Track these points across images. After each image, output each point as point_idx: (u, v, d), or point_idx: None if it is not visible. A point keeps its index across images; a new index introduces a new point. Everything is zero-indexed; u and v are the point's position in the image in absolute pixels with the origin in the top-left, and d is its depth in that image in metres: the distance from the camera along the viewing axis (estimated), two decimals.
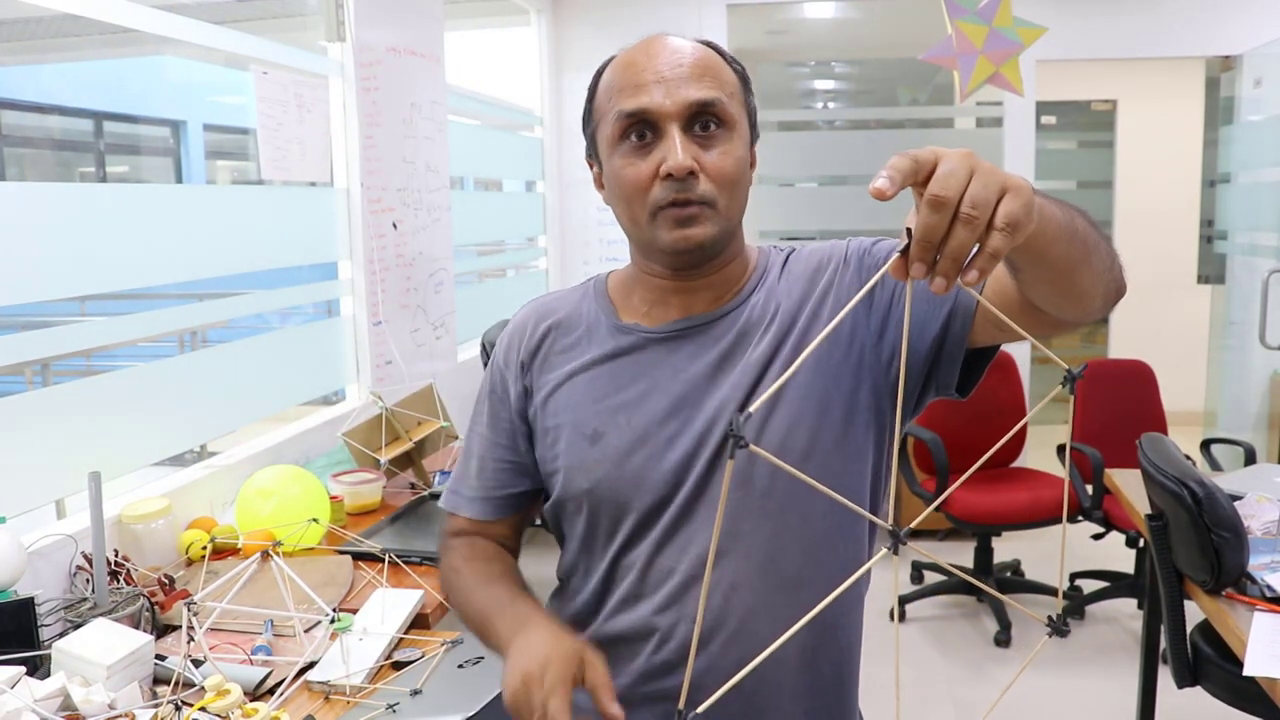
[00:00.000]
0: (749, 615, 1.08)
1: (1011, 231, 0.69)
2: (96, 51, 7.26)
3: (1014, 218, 0.69)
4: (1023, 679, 3.31)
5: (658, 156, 1.04)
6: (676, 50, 1.07)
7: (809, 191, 5.26)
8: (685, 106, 1.04)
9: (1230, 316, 4.70)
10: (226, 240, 2.26)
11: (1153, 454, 2.26)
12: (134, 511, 1.89)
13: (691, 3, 4.40)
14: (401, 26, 2.91)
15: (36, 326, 1.82)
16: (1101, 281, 0.93)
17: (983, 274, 0.69)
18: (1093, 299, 0.94)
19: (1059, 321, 0.98)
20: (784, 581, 1.09)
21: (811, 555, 1.10)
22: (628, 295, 1.18)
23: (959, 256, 0.68)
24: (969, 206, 0.68)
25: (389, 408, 2.45)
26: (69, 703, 1.33)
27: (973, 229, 0.68)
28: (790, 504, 1.08)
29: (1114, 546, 3.97)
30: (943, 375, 1.08)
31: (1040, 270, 0.88)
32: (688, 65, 1.06)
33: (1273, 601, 1.91)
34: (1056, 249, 0.85)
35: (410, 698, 1.40)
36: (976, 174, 0.69)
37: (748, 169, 1.11)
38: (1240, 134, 4.60)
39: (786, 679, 1.11)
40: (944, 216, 0.68)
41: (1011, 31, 3.68)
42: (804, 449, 1.07)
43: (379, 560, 1.89)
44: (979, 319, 1.03)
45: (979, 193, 0.68)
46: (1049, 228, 0.82)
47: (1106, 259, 0.93)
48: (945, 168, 0.68)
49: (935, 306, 1.06)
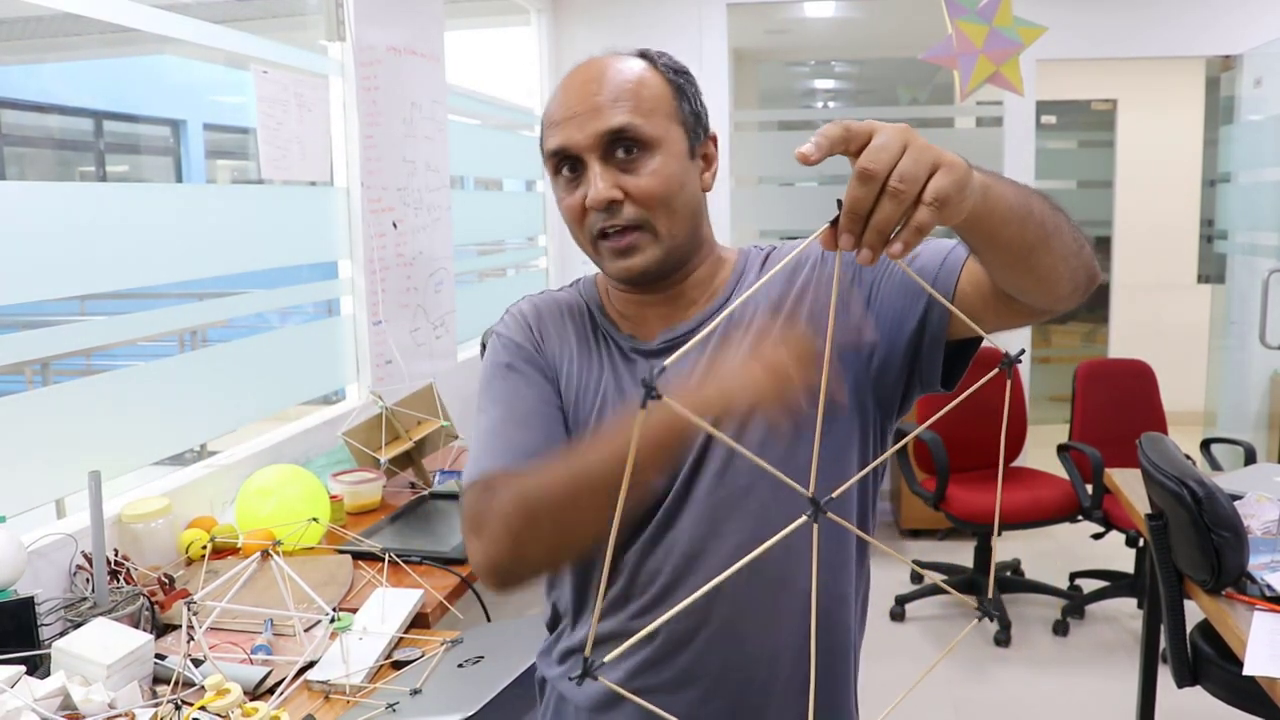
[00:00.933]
0: (733, 614, 1.09)
1: (939, 207, 0.70)
2: (96, 51, 7.25)
3: (943, 194, 0.70)
4: (1024, 678, 3.33)
5: (585, 188, 1.06)
6: (596, 79, 1.07)
7: (809, 191, 5.26)
8: (597, 138, 1.05)
9: (1230, 316, 4.70)
10: (226, 240, 2.26)
11: (1153, 453, 2.26)
12: (134, 511, 1.89)
13: (692, 3, 4.39)
14: (402, 26, 2.91)
15: (36, 326, 1.82)
16: (1066, 266, 0.93)
17: (907, 247, 0.71)
18: (1057, 284, 0.93)
19: (1031, 309, 0.98)
20: (767, 581, 1.09)
21: (794, 553, 1.08)
22: (611, 301, 1.20)
23: (884, 229, 0.70)
24: (897, 180, 0.69)
25: (389, 407, 2.45)
26: (69, 702, 1.33)
27: (899, 202, 0.69)
28: (772, 501, 1.08)
29: (1114, 546, 3.97)
30: (925, 369, 1.08)
31: (996, 253, 0.89)
32: (604, 93, 1.06)
33: (1273, 601, 1.91)
34: (1008, 230, 0.85)
35: (410, 697, 1.40)
36: (909, 149, 0.70)
37: (687, 181, 1.10)
38: (1240, 133, 4.60)
39: (779, 676, 1.11)
40: (871, 189, 0.69)
41: (1012, 31, 3.68)
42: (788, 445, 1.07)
43: (379, 560, 1.89)
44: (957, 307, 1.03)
45: (909, 168, 0.69)
46: (997, 208, 0.83)
47: (1072, 244, 0.93)
48: (878, 141, 0.70)
49: (912, 300, 1.06)
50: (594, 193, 1.04)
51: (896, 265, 1.08)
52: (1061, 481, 3.78)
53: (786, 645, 1.11)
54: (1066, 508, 3.67)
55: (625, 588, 1.12)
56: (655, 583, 1.10)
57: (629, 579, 1.11)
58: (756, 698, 1.11)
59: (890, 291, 1.08)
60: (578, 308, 1.20)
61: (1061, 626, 3.64)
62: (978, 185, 0.78)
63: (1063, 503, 3.68)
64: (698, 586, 1.06)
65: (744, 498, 1.08)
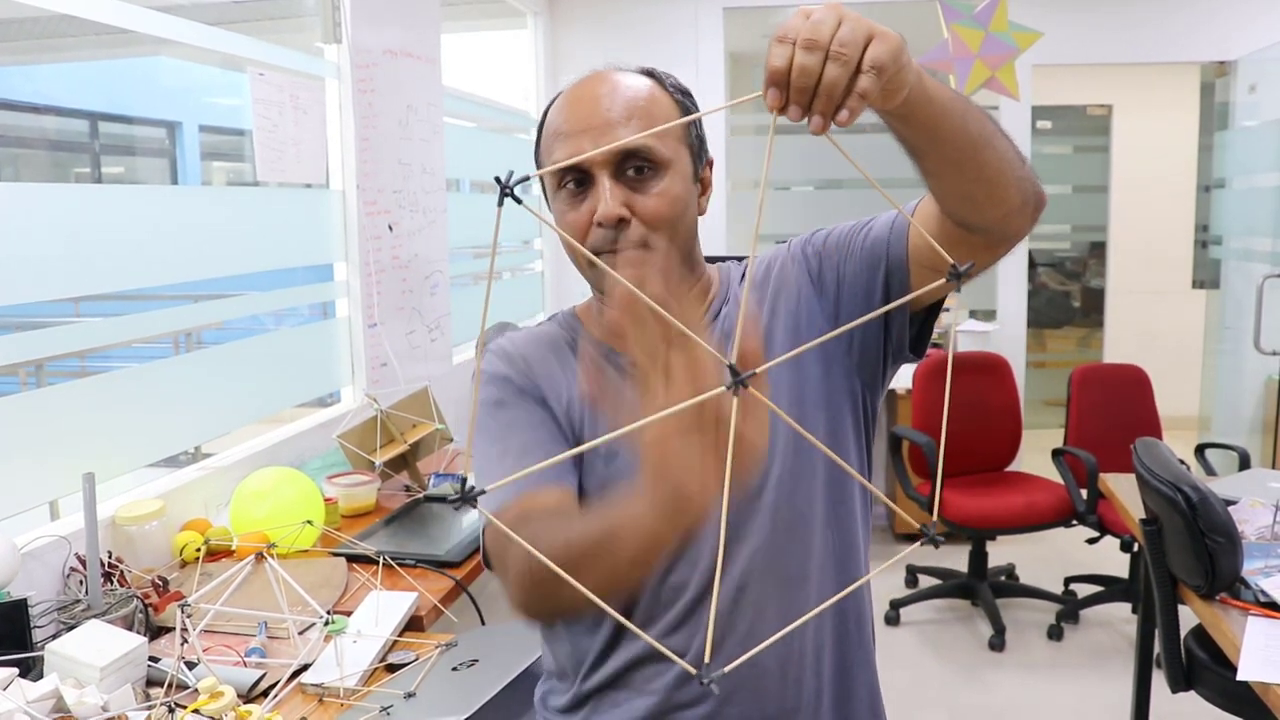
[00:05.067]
0: (757, 616, 1.09)
1: (878, 73, 0.74)
2: (92, 52, 7.24)
3: (880, 60, 0.74)
4: (1019, 682, 3.33)
5: (591, 204, 1.05)
6: (609, 94, 1.08)
7: (805, 195, 5.27)
8: (611, 155, 1.05)
9: (1225, 321, 4.71)
10: (222, 242, 2.26)
11: (1147, 458, 2.26)
12: (128, 513, 1.89)
13: (688, 6, 4.40)
14: (398, 28, 2.90)
15: (31, 327, 1.82)
16: (1011, 171, 0.95)
17: (853, 114, 0.74)
18: (1006, 189, 0.95)
19: (987, 237, 1.00)
20: (787, 579, 1.10)
21: (808, 549, 1.11)
22: (599, 325, 1.19)
23: (833, 93, 0.73)
24: (838, 45, 0.73)
25: (384, 410, 2.45)
26: (62, 705, 1.33)
27: (843, 65, 0.73)
28: (784, 499, 1.09)
29: (1108, 551, 3.98)
30: (894, 337, 1.12)
31: (941, 148, 0.91)
32: (618, 109, 1.06)
33: (1267, 606, 1.91)
34: (950, 122, 0.88)
35: (404, 700, 1.40)
36: (844, 20, 0.74)
37: (691, 203, 1.11)
38: (1235, 139, 4.62)
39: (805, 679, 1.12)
40: (817, 57, 0.73)
41: (1007, 36, 3.69)
42: (787, 442, 1.10)
43: (373, 562, 1.89)
44: (913, 267, 1.07)
45: (847, 34, 0.73)
46: (935, 97, 0.86)
47: (1013, 151, 0.96)
48: (815, 17, 0.74)
49: (872, 273, 1.09)
50: (604, 209, 1.04)
51: (854, 243, 1.12)
52: (1056, 486, 3.79)
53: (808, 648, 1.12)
54: (1061, 512, 3.68)
55: (649, 607, 1.11)
56: (681, 598, 1.10)
57: (651, 598, 1.10)
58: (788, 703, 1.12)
59: (854, 269, 1.11)
60: (561, 338, 1.19)
61: (1056, 631, 3.65)
62: (914, 66, 0.81)
63: (1057, 507, 3.68)
64: (724, 595, 1.08)
65: (756, 498, 1.09)
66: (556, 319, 1.23)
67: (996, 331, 4.56)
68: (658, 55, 1.24)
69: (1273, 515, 2.16)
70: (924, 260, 1.05)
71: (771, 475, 1.09)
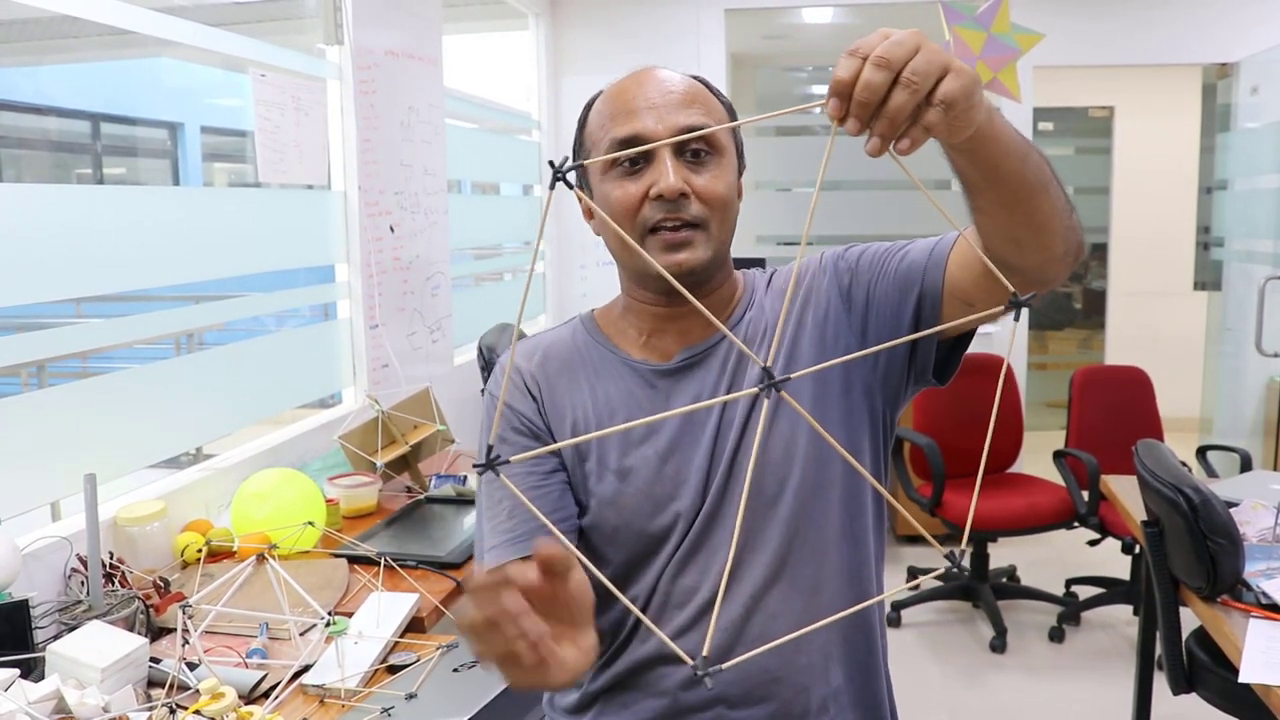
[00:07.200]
0: (769, 624, 1.09)
1: (946, 109, 0.72)
2: (94, 53, 7.25)
3: (951, 96, 0.72)
4: (1020, 684, 3.32)
5: (649, 179, 1.06)
6: (667, 79, 1.10)
7: (806, 196, 5.27)
8: (677, 130, 1.06)
9: (1226, 323, 4.71)
10: (223, 243, 2.26)
11: (1149, 460, 2.26)
12: (129, 514, 1.89)
13: (690, 8, 4.40)
14: (399, 29, 2.91)
15: (33, 328, 1.82)
16: (1060, 220, 0.94)
17: (914, 144, 0.73)
18: (1053, 237, 0.94)
19: (1023, 274, 0.97)
20: (801, 588, 1.10)
21: (823, 558, 1.11)
22: (621, 329, 1.19)
23: (896, 119, 0.71)
24: (910, 73, 0.71)
25: (385, 411, 2.45)
26: (63, 705, 1.33)
27: (912, 93, 0.71)
28: (799, 508, 1.10)
29: (1110, 553, 3.97)
30: (919, 361, 1.11)
31: (998, 188, 0.90)
32: (678, 93, 1.08)
33: (1268, 608, 1.91)
34: (1009, 164, 0.87)
35: (405, 701, 1.40)
36: (922, 49, 0.72)
37: (736, 196, 1.13)
38: (1237, 141, 4.62)
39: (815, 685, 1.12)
40: (886, 76, 0.71)
41: (1009, 37, 3.69)
42: (807, 453, 1.10)
43: (375, 564, 1.89)
44: (947, 297, 1.06)
45: (922, 64, 0.71)
46: (1002, 136, 0.85)
47: (1065, 202, 0.94)
48: (894, 38, 0.72)
49: (905, 296, 1.09)
50: (666, 182, 1.04)
51: (889, 265, 1.10)
52: (1057, 488, 3.78)
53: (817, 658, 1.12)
54: (1062, 514, 3.67)
55: (660, 609, 1.12)
56: (692, 601, 1.10)
57: (663, 599, 1.11)
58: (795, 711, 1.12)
59: (885, 290, 1.11)
60: (581, 344, 1.19)
61: (1057, 633, 3.64)
62: (985, 105, 0.80)
63: (1059, 509, 3.68)
64: (737, 601, 1.09)
65: (774, 505, 1.10)
66: (575, 324, 1.23)
67: (997, 333, 4.55)
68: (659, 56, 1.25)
69: (1274, 517, 2.15)
70: (958, 292, 1.04)
71: (790, 485, 1.09)
